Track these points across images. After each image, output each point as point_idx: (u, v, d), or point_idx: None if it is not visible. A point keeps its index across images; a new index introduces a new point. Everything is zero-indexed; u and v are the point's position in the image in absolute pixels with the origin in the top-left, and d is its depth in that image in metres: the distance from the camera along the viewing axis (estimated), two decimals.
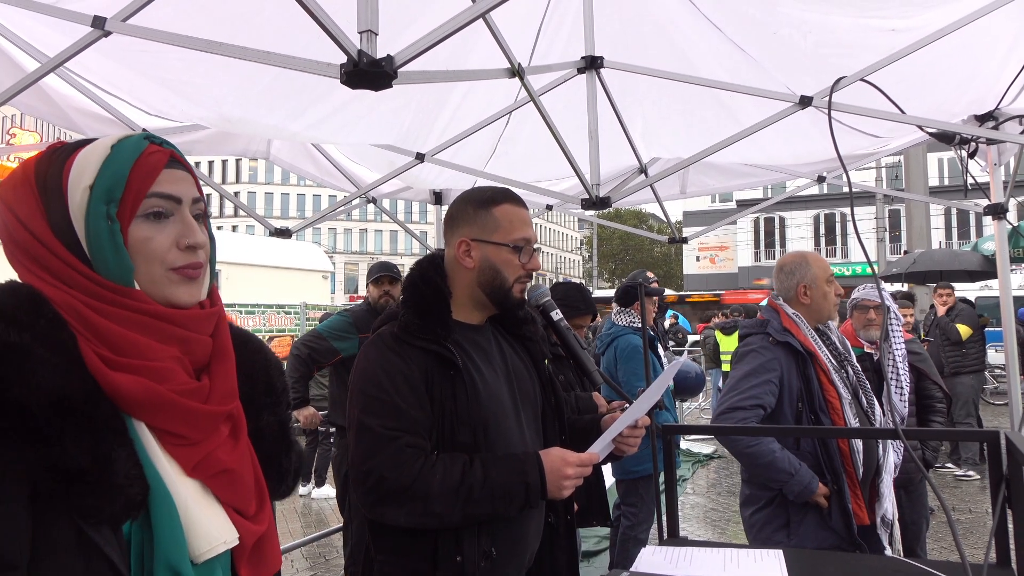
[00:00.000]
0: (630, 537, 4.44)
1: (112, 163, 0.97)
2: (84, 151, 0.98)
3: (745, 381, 2.75)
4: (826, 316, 2.86)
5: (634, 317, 4.64)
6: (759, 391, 2.71)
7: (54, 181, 0.97)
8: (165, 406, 0.93)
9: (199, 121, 3.37)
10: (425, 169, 4.16)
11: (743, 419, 2.67)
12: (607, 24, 2.92)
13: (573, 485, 1.67)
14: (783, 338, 2.77)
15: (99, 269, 0.95)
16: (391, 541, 1.69)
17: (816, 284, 2.85)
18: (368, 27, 1.67)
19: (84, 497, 0.84)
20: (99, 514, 0.86)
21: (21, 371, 0.84)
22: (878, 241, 24.87)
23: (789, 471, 2.65)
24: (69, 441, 0.84)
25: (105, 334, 0.93)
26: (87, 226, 0.95)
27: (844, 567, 1.94)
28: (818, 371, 2.73)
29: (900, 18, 2.71)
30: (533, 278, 1.90)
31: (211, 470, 0.98)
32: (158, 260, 0.98)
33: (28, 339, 0.86)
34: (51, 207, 0.96)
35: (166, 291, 0.99)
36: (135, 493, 0.88)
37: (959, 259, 11.46)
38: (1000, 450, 1.87)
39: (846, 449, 2.65)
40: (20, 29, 2.66)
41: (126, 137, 1.00)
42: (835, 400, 2.68)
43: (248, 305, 10.71)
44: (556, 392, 1.95)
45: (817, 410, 2.68)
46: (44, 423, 0.83)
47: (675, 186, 4.75)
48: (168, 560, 0.89)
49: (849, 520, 2.63)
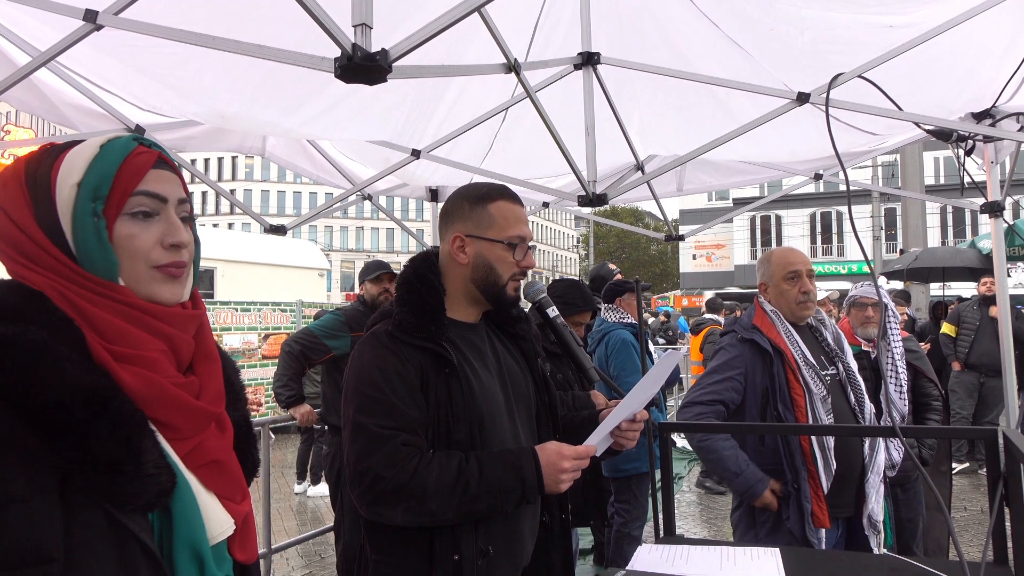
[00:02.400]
0: (624, 535, 4.44)
1: (100, 161, 0.99)
2: (73, 150, 1.01)
3: (708, 377, 2.80)
4: (788, 312, 2.82)
5: (623, 313, 4.67)
6: (719, 387, 2.75)
7: (43, 179, 0.99)
8: (164, 398, 0.96)
9: (193, 117, 3.35)
10: (421, 166, 4.15)
11: (699, 414, 2.72)
12: (604, 20, 2.91)
13: (571, 478, 1.67)
14: (749, 335, 2.79)
15: (84, 264, 0.97)
16: (387, 540, 1.68)
17: (773, 281, 2.86)
18: (363, 21, 1.66)
19: (122, 486, 0.88)
20: (135, 501, 0.90)
21: (52, 368, 0.86)
22: (874, 239, 24.93)
23: (734, 470, 2.67)
24: (105, 434, 0.87)
25: (99, 324, 0.95)
26: (74, 222, 0.97)
27: (840, 565, 1.94)
28: (787, 368, 2.70)
29: (898, 15, 2.70)
30: (529, 275, 1.89)
31: (199, 460, 1.01)
32: (142, 257, 1.01)
33: (46, 336, 0.88)
34: (39, 204, 0.98)
35: (149, 288, 1.01)
36: (165, 481, 0.93)
37: (960, 256, 11.46)
38: (998, 448, 1.86)
39: (807, 448, 2.62)
40: (11, 23, 2.64)
41: (116, 137, 1.03)
42: (800, 397, 2.65)
43: (244, 302, 10.68)
44: (550, 390, 1.94)
45: (781, 407, 2.67)
46: (80, 418, 0.86)
47: (672, 183, 4.75)
48: (191, 542, 0.95)
49: (804, 520, 2.59)
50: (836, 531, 2.73)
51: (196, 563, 0.96)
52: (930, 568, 1.80)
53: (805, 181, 4.64)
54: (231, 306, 10.42)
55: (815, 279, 2.90)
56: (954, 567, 1.76)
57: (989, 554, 1.86)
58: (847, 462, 2.69)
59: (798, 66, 3.02)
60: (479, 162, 4.21)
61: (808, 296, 2.79)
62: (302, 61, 1.81)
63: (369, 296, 4.56)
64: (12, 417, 0.83)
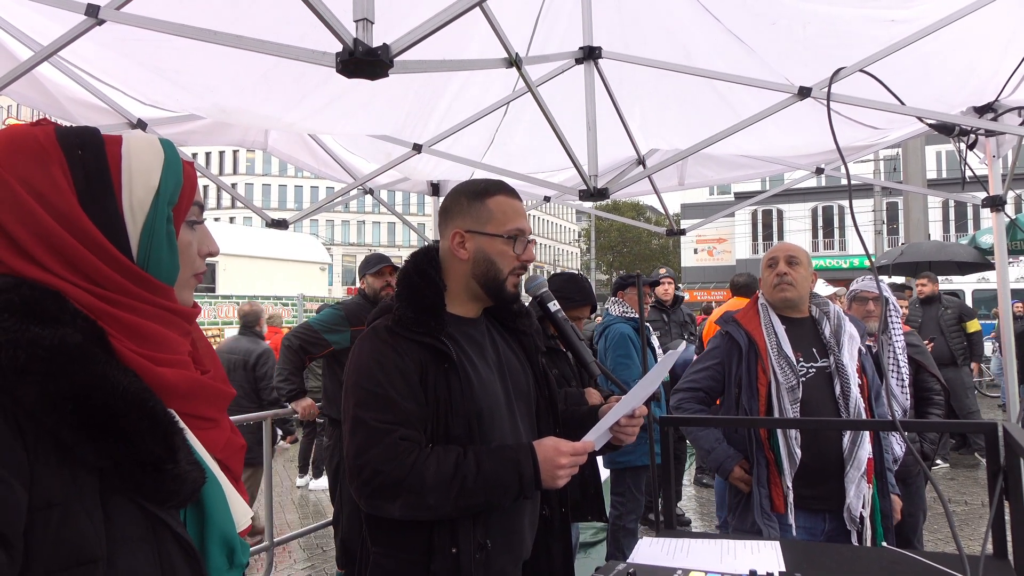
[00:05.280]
0: (619, 527, 4.47)
1: (171, 166, 0.99)
2: (134, 147, 0.97)
3: (693, 366, 3.08)
4: (771, 298, 2.91)
5: (626, 307, 4.69)
6: (699, 376, 3.00)
7: (98, 170, 0.93)
8: (204, 393, 1.00)
9: (194, 111, 3.35)
10: (422, 160, 4.15)
11: (680, 399, 3.00)
12: (605, 14, 2.91)
13: (568, 474, 1.67)
14: (726, 327, 2.97)
15: (150, 267, 0.97)
16: (387, 533, 1.70)
17: (760, 272, 3.02)
18: (364, 15, 1.66)
19: (163, 484, 0.89)
20: (174, 498, 0.91)
21: (95, 372, 0.85)
22: (875, 234, 24.90)
23: (706, 448, 2.93)
24: (148, 434, 0.87)
25: (137, 329, 0.94)
26: (148, 225, 0.96)
27: (840, 558, 1.94)
28: (757, 359, 2.81)
29: (900, 8, 2.70)
30: (529, 269, 1.89)
31: (234, 448, 1.06)
32: (190, 265, 1.05)
33: (81, 339, 0.86)
34: (91, 196, 0.92)
35: (184, 293, 1.05)
36: (198, 477, 0.93)
37: (946, 251, 11.48)
38: (998, 442, 1.87)
39: (764, 434, 2.74)
40: (13, 17, 2.64)
41: (165, 140, 1.03)
42: (763, 387, 2.76)
43: (245, 296, 10.69)
44: (550, 385, 1.95)
45: (746, 396, 2.81)
46: (126, 420, 0.86)
47: (673, 178, 4.75)
48: (223, 533, 0.98)
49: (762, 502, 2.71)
50: (823, 524, 2.74)
51: (226, 552, 0.99)
52: (929, 561, 1.81)
53: (807, 175, 4.63)
54: (233, 300, 10.44)
55: (816, 273, 2.91)
56: (953, 560, 1.77)
57: (989, 547, 1.87)
58: (820, 454, 2.69)
59: (800, 60, 3.02)
60: (480, 156, 4.21)
61: (782, 279, 2.86)
62: (304, 56, 1.82)
63: (371, 290, 4.55)
64: (54, 421, 0.82)
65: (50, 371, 0.81)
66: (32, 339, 0.82)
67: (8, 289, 0.86)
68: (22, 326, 0.82)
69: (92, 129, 0.98)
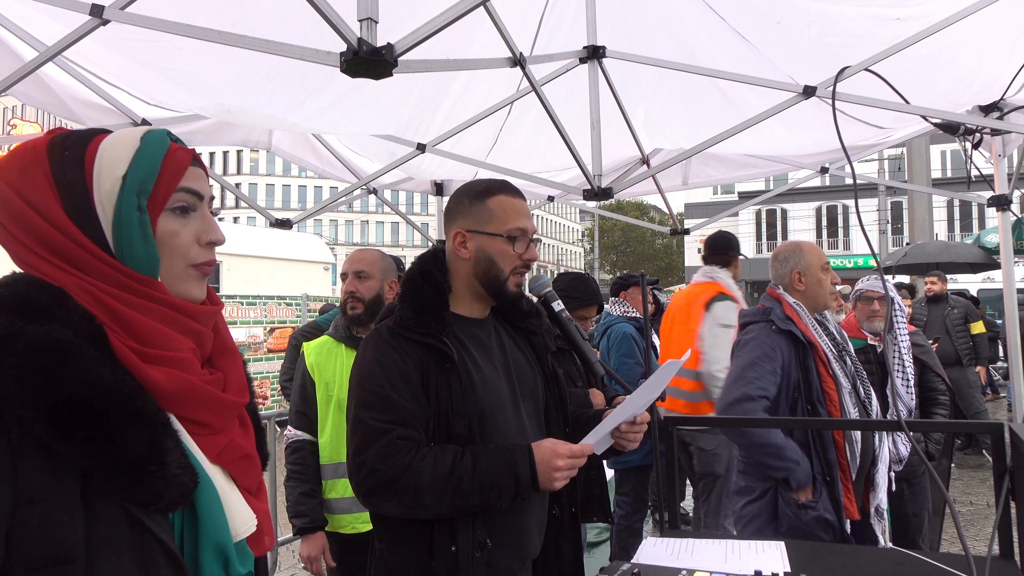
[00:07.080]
0: (624, 527, 4.46)
1: (144, 155, 0.97)
2: (109, 141, 0.98)
3: (750, 370, 2.71)
4: (822, 304, 2.85)
5: (627, 307, 4.69)
6: (765, 381, 2.68)
7: (74, 169, 0.95)
8: (197, 397, 0.96)
9: (198, 111, 3.35)
10: (426, 160, 4.15)
11: (751, 410, 2.63)
12: (609, 13, 2.90)
13: (565, 477, 1.67)
14: (786, 326, 2.75)
15: (126, 259, 0.95)
16: (389, 530, 1.72)
17: (811, 271, 2.85)
18: (368, 15, 1.66)
19: (145, 487, 0.87)
20: (157, 502, 0.89)
21: (79, 369, 0.85)
22: (880, 233, 24.81)
23: (797, 460, 2.63)
24: (130, 435, 0.86)
25: (133, 325, 0.94)
26: (117, 216, 0.95)
27: (845, 558, 1.94)
28: (817, 361, 2.71)
29: (905, 7, 2.69)
30: (533, 269, 1.89)
31: (234, 455, 1.02)
32: (181, 254, 1.00)
33: (71, 336, 0.87)
34: (69, 194, 0.94)
35: (184, 286, 1.01)
36: (187, 481, 0.91)
37: (950, 251, 11.42)
38: (1004, 443, 1.86)
39: (841, 441, 2.62)
40: (18, 18, 2.65)
41: (153, 130, 1.01)
42: (833, 391, 2.66)
43: (249, 296, 10.71)
44: (559, 385, 1.94)
45: (815, 401, 2.67)
46: (108, 419, 0.85)
47: (677, 177, 4.74)
48: (216, 541, 0.95)
49: (840, 513, 2.61)
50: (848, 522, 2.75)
51: (220, 561, 0.96)
52: (935, 561, 1.80)
53: (811, 175, 4.62)
54: (236, 300, 10.46)
55: None
56: (959, 561, 1.76)
57: (995, 548, 1.86)
58: (864, 455, 2.71)
59: (805, 59, 3.01)
60: (484, 156, 4.21)
61: (835, 286, 2.85)
62: (308, 55, 1.82)
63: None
64: (37, 419, 0.82)
65: (27, 365, 0.83)
66: (13, 334, 0.84)
67: (4, 285, 0.90)
68: (7, 321, 0.85)
69: (90, 131, 0.99)
